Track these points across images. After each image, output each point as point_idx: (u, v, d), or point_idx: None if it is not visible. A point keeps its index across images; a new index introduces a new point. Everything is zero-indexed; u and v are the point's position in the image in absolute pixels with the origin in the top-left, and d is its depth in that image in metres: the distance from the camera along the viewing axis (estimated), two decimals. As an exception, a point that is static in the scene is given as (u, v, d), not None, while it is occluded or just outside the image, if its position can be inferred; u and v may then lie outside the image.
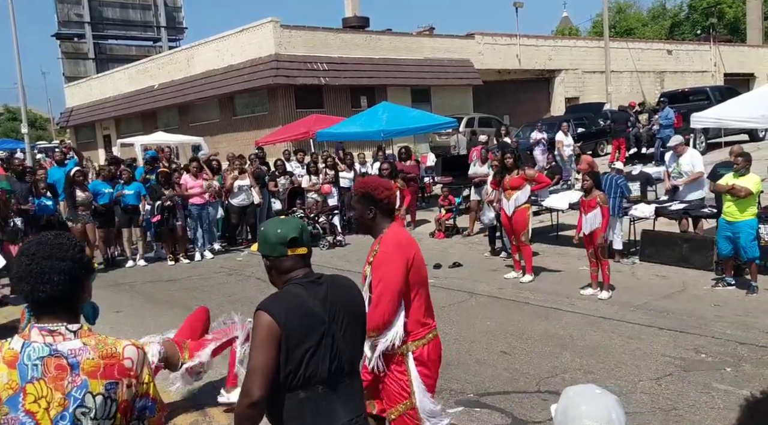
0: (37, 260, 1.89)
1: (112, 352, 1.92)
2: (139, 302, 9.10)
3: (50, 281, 1.88)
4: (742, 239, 7.53)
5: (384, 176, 9.83)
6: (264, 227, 2.57)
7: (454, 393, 5.28)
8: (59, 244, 1.93)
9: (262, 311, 2.33)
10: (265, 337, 2.29)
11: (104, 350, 1.92)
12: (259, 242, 2.55)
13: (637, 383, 5.29)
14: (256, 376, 2.26)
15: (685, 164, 9.74)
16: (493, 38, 27.52)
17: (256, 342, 2.30)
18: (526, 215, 8.88)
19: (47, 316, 1.91)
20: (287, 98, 21.61)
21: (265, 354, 2.27)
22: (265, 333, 2.29)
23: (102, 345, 1.93)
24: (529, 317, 7.29)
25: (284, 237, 2.47)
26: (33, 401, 1.82)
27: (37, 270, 1.89)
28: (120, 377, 1.91)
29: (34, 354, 1.85)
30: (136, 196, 11.64)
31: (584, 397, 1.46)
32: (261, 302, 2.37)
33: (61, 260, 1.90)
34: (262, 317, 2.32)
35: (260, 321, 2.32)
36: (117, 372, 1.91)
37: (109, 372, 1.89)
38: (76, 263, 1.94)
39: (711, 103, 16.63)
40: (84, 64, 48.91)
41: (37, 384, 1.83)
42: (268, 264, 2.53)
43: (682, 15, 52.01)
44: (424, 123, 15.58)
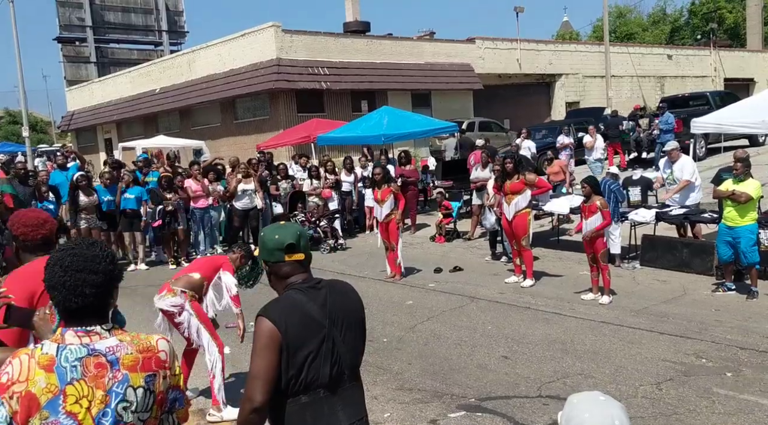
0: (71, 272, 1.93)
1: (148, 346, 1.99)
2: (140, 306, 9.09)
3: (82, 294, 1.92)
4: (743, 245, 7.57)
5: (377, 181, 9.74)
6: (263, 232, 2.60)
7: (455, 398, 5.30)
8: (93, 256, 1.96)
9: (263, 317, 2.35)
10: (266, 342, 2.31)
11: (140, 344, 1.98)
12: (259, 247, 2.58)
13: (638, 388, 5.30)
14: (258, 381, 2.28)
15: (677, 171, 9.86)
16: (494, 43, 27.57)
17: (257, 347, 2.32)
18: (526, 219, 8.90)
19: (77, 322, 1.96)
20: (288, 102, 21.65)
21: (266, 360, 2.29)
22: (266, 338, 2.31)
23: (137, 339, 2.00)
24: (530, 321, 7.30)
25: (281, 243, 2.49)
26: (74, 402, 1.86)
27: (71, 283, 1.92)
28: (157, 369, 1.99)
29: (71, 356, 1.88)
30: (137, 201, 11.66)
31: (588, 405, 1.48)
32: (261, 308, 2.39)
33: (94, 274, 1.94)
34: (262, 322, 2.34)
35: (261, 327, 2.33)
36: (154, 364, 1.99)
37: (147, 364, 1.96)
38: (108, 276, 1.98)
39: (711, 109, 16.64)
40: (85, 68, 49.01)
41: (78, 385, 1.87)
42: (268, 269, 2.55)
43: (683, 20, 52.11)
44: (424, 127, 15.61)
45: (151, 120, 27.76)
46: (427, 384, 5.62)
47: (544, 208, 11.00)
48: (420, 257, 11.41)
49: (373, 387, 5.54)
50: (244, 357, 6.48)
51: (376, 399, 5.29)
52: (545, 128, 21.81)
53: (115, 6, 51.24)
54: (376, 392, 5.43)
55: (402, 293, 8.94)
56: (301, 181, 14.12)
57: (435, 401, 5.26)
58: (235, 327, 5.71)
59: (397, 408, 5.17)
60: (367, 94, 23.06)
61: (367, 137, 14.94)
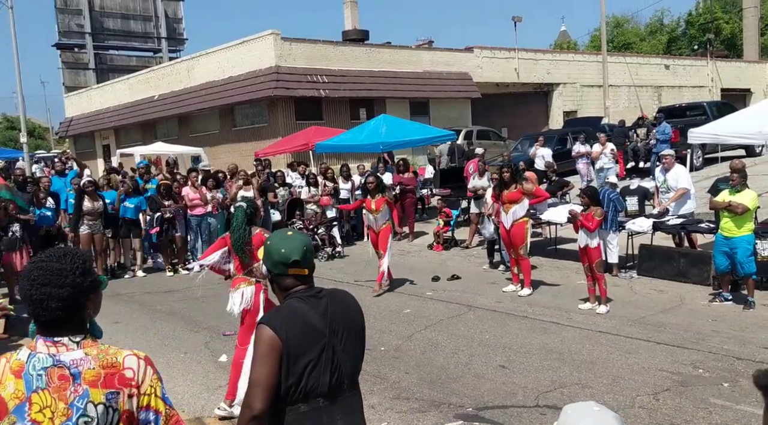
0: (36, 286, 1.92)
1: (112, 362, 1.95)
2: (138, 313, 9.10)
3: (48, 307, 1.91)
4: (740, 255, 7.59)
5: (370, 190, 9.62)
6: (270, 241, 2.56)
7: (452, 407, 5.30)
8: (59, 270, 1.94)
9: (264, 325, 2.35)
10: (266, 350, 2.30)
11: (105, 360, 1.94)
12: (264, 254, 2.57)
13: (635, 398, 5.30)
14: (258, 389, 2.28)
15: (671, 179, 9.93)
16: (492, 52, 27.68)
17: (258, 355, 2.32)
18: (524, 228, 8.91)
19: (50, 332, 1.95)
20: (287, 110, 21.69)
21: (266, 367, 2.29)
22: (267, 346, 2.31)
23: (103, 354, 1.95)
24: (528, 330, 7.31)
25: (287, 259, 2.47)
26: (38, 410, 1.86)
27: (37, 296, 1.91)
28: (121, 386, 1.93)
29: (38, 364, 1.89)
30: (136, 210, 11.65)
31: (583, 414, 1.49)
32: (262, 317, 2.43)
33: (59, 288, 1.92)
34: (263, 330, 2.33)
35: (262, 335, 2.33)
36: (118, 381, 1.93)
37: (109, 381, 1.92)
38: (76, 289, 1.94)
39: (708, 119, 16.71)
40: (84, 74, 49.06)
41: (42, 394, 1.87)
42: (270, 277, 2.56)
43: (680, 30, 52.30)
44: (422, 135, 15.65)
45: (150, 127, 27.78)
46: (424, 393, 5.62)
47: (542, 217, 11.02)
48: (418, 265, 11.41)
49: (371, 396, 5.53)
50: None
51: (374, 408, 5.28)
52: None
53: (115, 13, 51.33)
54: (373, 401, 5.43)
55: (399, 301, 8.94)
56: (299, 188, 14.14)
57: (432, 410, 5.26)
58: (232, 334, 5.71)
59: (394, 417, 5.17)
60: (365, 102, 23.12)
61: (365, 145, 14.98)
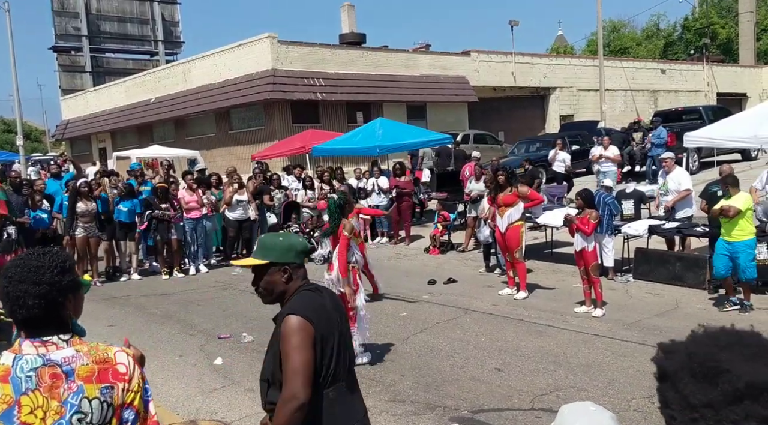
0: (13, 283, 1.91)
1: (105, 357, 1.95)
2: (133, 316, 9.07)
3: (25, 305, 1.89)
4: (741, 259, 7.51)
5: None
6: (284, 237, 2.69)
7: (448, 410, 5.29)
8: (36, 267, 1.92)
9: (295, 315, 2.41)
10: (303, 338, 2.36)
11: (97, 355, 1.95)
12: (283, 251, 2.58)
13: (630, 401, 5.30)
14: (300, 377, 2.32)
15: (672, 182, 9.95)
16: (489, 56, 27.73)
17: (296, 343, 2.36)
18: (519, 232, 8.91)
19: (33, 332, 1.94)
20: (283, 113, 21.69)
21: (305, 355, 2.35)
22: (304, 333, 2.37)
23: (94, 350, 1.96)
24: (524, 334, 7.30)
25: (305, 246, 2.65)
26: (29, 412, 1.84)
27: (14, 294, 1.90)
28: (115, 381, 1.94)
29: (27, 366, 1.87)
30: (130, 213, 11.62)
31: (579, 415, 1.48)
32: (290, 307, 2.46)
33: (36, 285, 1.90)
34: (296, 320, 2.40)
35: (296, 324, 2.39)
36: (112, 376, 1.94)
37: (104, 376, 1.92)
38: (54, 287, 1.92)
39: (704, 123, 16.74)
40: (81, 77, 49.07)
41: (32, 395, 1.85)
42: (290, 272, 2.57)
43: (676, 35, 52.47)
44: (419, 139, 15.66)
45: (146, 130, 27.75)
46: (420, 396, 5.60)
47: (538, 220, 11.02)
48: (414, 268, 11.41)
49: (366, 398, 5.47)
50: (236, 368, 6.46)
51: (369, 411, 5.24)
52: (539, 141, 21.91)
53: (111, 16, 51.37)
54: (368, 404, 5.37)
55: (395, 304, 8.92)
56: (295, 192, 14.13)
57: (428, 413, 5.25)
58: (227, 337, 5.72)
59: (389, 420, 5.15)
60: (362, 106, 23.13)
61: (362, 148, 14.99)
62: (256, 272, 2.61)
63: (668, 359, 1.22)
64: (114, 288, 11.03)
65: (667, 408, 1.17)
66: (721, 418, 1.10)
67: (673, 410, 1.16)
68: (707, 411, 1.12)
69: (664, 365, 1.21)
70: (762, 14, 46.32)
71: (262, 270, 2.58)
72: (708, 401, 1.12)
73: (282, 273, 2.56)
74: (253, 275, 2.62)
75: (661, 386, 1.21)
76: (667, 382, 1.19)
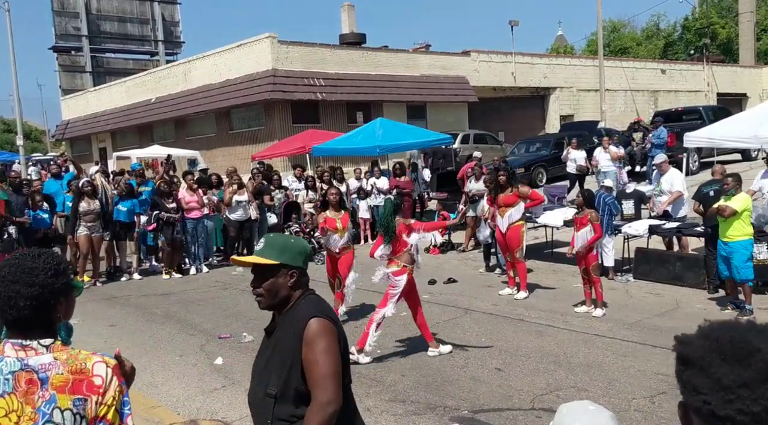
0: (6, 283, 1.89)
1: (81, 368, 1.91)
2: (134, 316, 9.08)
3: (16, 306, 1.88)
4: (736, 260, 7.50)
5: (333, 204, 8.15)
6: (295, 240, 2.61)
7: (448, 410, 5.29)
8: (30, 268, 1.91)
9: (322, 318, 2.36)
10: (331, 342, 2.32)
11: (74, 365, 1.91)
12: (296, 254, 2.49)
13: (631, 401, 5.31)
14: (334, 380, 2.28)
15: (665, 183, 10.00)
16: (489, 56, 27.72)
17: (325, 347, 2.30)
18: (520, 232, 8.91)
19: (18, 333, 1.92)
20: (284, 113, 21.68)
21: (336, 358, 2.32)
22: (332, 337, 2.33)
23: (72, 360, 1.92)
24: (524, 334, 7.31)
25: (311, 251, 2.65)
26: (4, 415, 1.83)
27: (5, 294, 1.89)
28: (89, 393, 1.90)
29: (6, 369, 1.86)
30: (129, 213, 11.63)
31: (578, 414, 1.49)
32: (311, 311, 2.38)
33: (29, 286, 1.89)
34: (323, 323, 2.34)
35: (325, 327, 2.34)
36: (86, 388, 1.90)
37: (77, 387, 1.89)
38: (46, 289, 1.91)
39: (704, 123, 16.74)
40: (81, 77, 49.07)
41: (8, 398, 1.84)
42: (296, 277, 2.47)
43: (676, 35, 52.46)
44: (419, 139, 15.66)
45: (146, 130, 27.75)
46: (420, 396, 5.61)
47: (538, 220, 11.03)
48: (414, 268, 11.39)
49: (366, 398, 5.52)
50: (237, 368, 6.46)
51: (369, 410, 5.27)
52: (539, 141, 21.91)
53: (112, 16, 51.38)
54: (369, 404, 5.42)
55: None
56: (296, 192, 14.12)
57: (428, 413, 5.25)
58: (228, 337, 5.74)
59: (390, 420, 5.16)
60: (362, 106, 23.12)
61: (362, 148, 14.98)
62: (260, 273, 2.46)
63: (689, 346, 1.23)
64: (114, 288, 11.04)
65: (698, 395, 1.17)
66: (757, 396, 1.11)
67: (705, 395, 1.15)
68: (743, 391, 1.12)
69: (687, 351, 1.22)
70: (762, 14, 46.31)
71: (270, 271, 2.44)
72: (743, 381, 1.13)
73: (290, 277, 2.45)
74: (253, 276, 2.49)
75: (685, 374, 1.20)
76: (693, 369, 1.19)
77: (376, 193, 14.01)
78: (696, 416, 1.18)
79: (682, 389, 1.22)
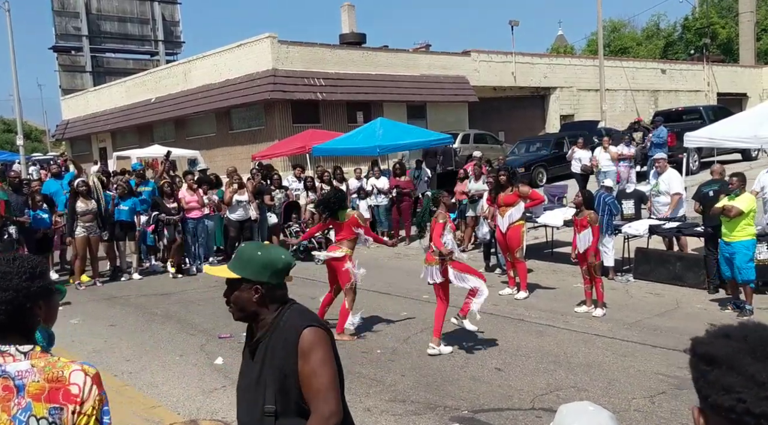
0: None
1: (58, 376, 1.87)
2: (134, 316, 9.08)
3: None
4: (738, 260, 7.49)
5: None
6: (262, 253, 2.37)
7: (448, 410, 5.29)
8: (4, 273, 1.89)
9: (315, 327, 2.25)
10: (327, 351, 2.23)
11: (50, 373, 1.87)
12: (259, 268, 2.32)
13: (631, 401, 5.31)
14: (334, 392, 2.19)
15: (663, 183, 10.00)
16: (489, 55, 27.72)
17: (322, 357, 2.21)
18: (520, 231, 8.91)
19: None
20: (284, 113, 21.69)
21: (334, 368, 2.24)
22: (327, 346, 2.25)
23: (50, 367, 1.88)
24: (524, 334, 7.31)
25: (288, 264, 2.38)
26: None
27: None
28: (65, 402, 1.86)
29: None
30: (131, 212, 11.63)
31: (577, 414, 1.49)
32: (302, 321, 2.27)
33: (2, 291, 1.87)
34: (318, 332, 2.25)
35: (320, 336, 2.24)
36: (62, 397, 1.86)
37: (53, 396, 1.85)
38: (21, 293, 1.88)
39: (704, 123, 16.74)
40: (81, 77, 49.05)
41: None
42: (261, 293, 2.31)
43: (676, 35, 52.46)
44: (419, 139, 15.66)
45: (146, 130, 27.75)
46: (420, 396, 5.61)
47: (538, 220, 11.03)
48: (414, 268, 11.38)
49: (366, 398, 5.53)
50: (237, 368, 6.43)
51: (369, 410, 5.27)
52: (539, 140, 21.92)
53: (112, 16, 51.36)
54: (369, 403, 5.42)
55: (396, 304, 8.93)
56: (296, 192, 14.12)
57: (428, 413, 5.25)
58: (228, 337, 5.74)
59: (390, 419, 5.16)
60: (362, 106, 23.13)
61: (362, 148, 14.99)
62: (230, 284, 2.39)
63: (714, 346, 1.22)
64: (114, 288, 11.04)
65: (730, 393, 1.16)
66: None
67: (739, 393, 1.15)
68: None
69: (714, 351, 1.21)
70: (762, 14, 46.31)
71: (235, 284, 2.36)
72: None
73: (253, 292, 2.31)
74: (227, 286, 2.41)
75: (713, 374, 1.20)
76: (722, 368, 1.19)
77: (376, 193, 14.02)
78: (723, 416, 1.18)
79: (707, 390, 1.20)
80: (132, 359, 7.04)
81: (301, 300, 2.52)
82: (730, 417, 1.16)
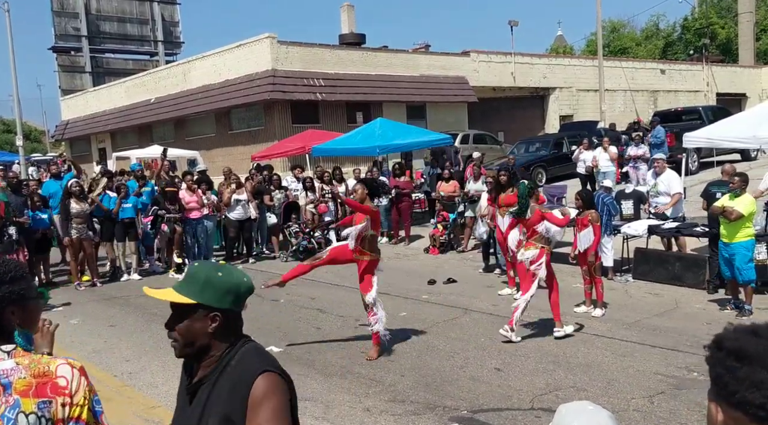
0: None
1: (44, 371, 1.89)
2: (133, 316, 9.07)
3: None
4: (737, 261, 7.49)
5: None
6: (223, 273, 2.00)
7: (447, 410, 5.30)
8: None
9: (270, 373, 1.90)
10: (283, 401, 1.89)
11: (37, 369, 1.88)
12: (222, 293, 1.97)
13: (630, 401, 5.31)
14: None
15: (662, 184, 9.99)
16: (488, 56, 27.74)
17: (278, 407, 1.86)
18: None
19: None
20: (283, 113, 21.69)
21: (288, 420, 1.90)
22: (283, 396, 1.90)
23: (35, 364, 1.90)
24: (523, 333, 7.31)
25: (251, 289, 2.02)
26: None
27: None
28: (54, 395, 1.87)
29: None
30: (133, 210, 11.64)
31: (576, 414, 1.50)
32: (256, 365, 1.92)
33: None
34: (275, 380, 1.90)
35: (275, 385, 1.89)
36: (50, 390, 1.87)
37: (41, 390, 1.86)
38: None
39: (703, 123, 16.75)
40: (80, 78, 49.07)
41: None
42: (220, 321, 1.95)
43: (675, 35, 52.48)
44: (419, 139, 15.67)
45: (146, 130, 27.75)
46: (419, 396, 5.62)
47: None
48: (414, 268, 11.42)
49: (366, 399, 5.53)
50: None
51: (369, 411, 5.28)
52: (539, 141, 21.93)
53: (111, 16, 51.38)
54: (368, 404, 5.43)
55: (395, 304, 8.93)
56: (295, 192, 14.12)
57: (427, 413, 5.26)
58: None
59: (389, 420, 5.16)
60: (362, 106, 23.14)
61: (361, 148, 14.99)
62: (177, 312, 2.01)
63: (746, 342, 1.23)
64: (114, 288, 11.04)
65: (762, 390, 1.17)
66: None
67: None
68: None
69: (746, 347, 1.22)
70: (761, 14, 46.35)
71: (185, 311, 1.98)
72: None
73: (210, 321, 1.95)
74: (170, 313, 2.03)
75: (742, 370, 1.20)
76: (753, 365, 1.19)
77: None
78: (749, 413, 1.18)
79: (735, 386, 1.20)
80: (132, 359, 7.05)
81: (302, 300, 2.51)
82: (758, 414, 1.17)
